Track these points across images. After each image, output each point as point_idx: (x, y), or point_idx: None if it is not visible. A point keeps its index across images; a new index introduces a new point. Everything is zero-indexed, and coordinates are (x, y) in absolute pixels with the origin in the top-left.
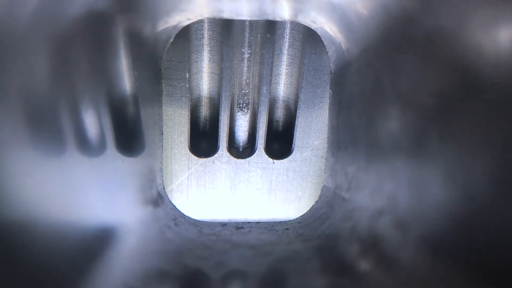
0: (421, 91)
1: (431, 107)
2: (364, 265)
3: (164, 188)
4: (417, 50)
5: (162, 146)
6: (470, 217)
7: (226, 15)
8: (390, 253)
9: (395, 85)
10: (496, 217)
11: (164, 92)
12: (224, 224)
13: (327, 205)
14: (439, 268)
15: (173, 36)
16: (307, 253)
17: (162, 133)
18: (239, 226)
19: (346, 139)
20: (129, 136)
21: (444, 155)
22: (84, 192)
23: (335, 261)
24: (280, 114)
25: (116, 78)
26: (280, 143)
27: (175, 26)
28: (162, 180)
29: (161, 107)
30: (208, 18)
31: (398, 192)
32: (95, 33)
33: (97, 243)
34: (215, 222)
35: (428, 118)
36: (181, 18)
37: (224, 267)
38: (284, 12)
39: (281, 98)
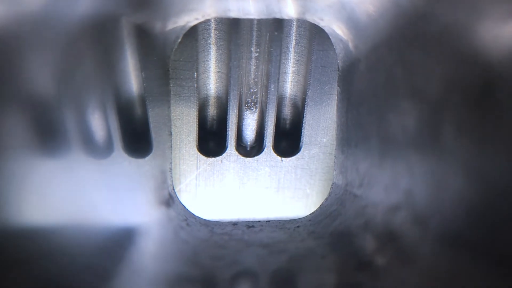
0: (436, 84)
1: (446, 100)
2: (382, 261)
3: (174, 189)
4: (431, 44)
5: (171, 146)
6: (490, 210)
7: (233, 14)
8: (409, 248)
9: (408, 79)
10: None
11: (172, 92)
12: (234, 224)
13: (337, 202)
14: (458, 262)
15: (181, 36)
16: (321, 251)
17: (171, 134)
18: (250, 225)
19: (356, 136)
20: (138, 137)
21: (461, 149)
22: (93, 194)
23: (351, 258)
24: (287, 112)
25: (124, 79)
26: (288, 141)
27: (183, 26)
28: (172, 181)
29: (169, 107)
30: (215, 18)
31: (415, 187)
32: (102, 34)
33: (111, 245)
34: (226, 222)
35: (444, 111)
36: (189, 18)
37: (239, 266)
38: (291, 10)
39: (288, 96)
